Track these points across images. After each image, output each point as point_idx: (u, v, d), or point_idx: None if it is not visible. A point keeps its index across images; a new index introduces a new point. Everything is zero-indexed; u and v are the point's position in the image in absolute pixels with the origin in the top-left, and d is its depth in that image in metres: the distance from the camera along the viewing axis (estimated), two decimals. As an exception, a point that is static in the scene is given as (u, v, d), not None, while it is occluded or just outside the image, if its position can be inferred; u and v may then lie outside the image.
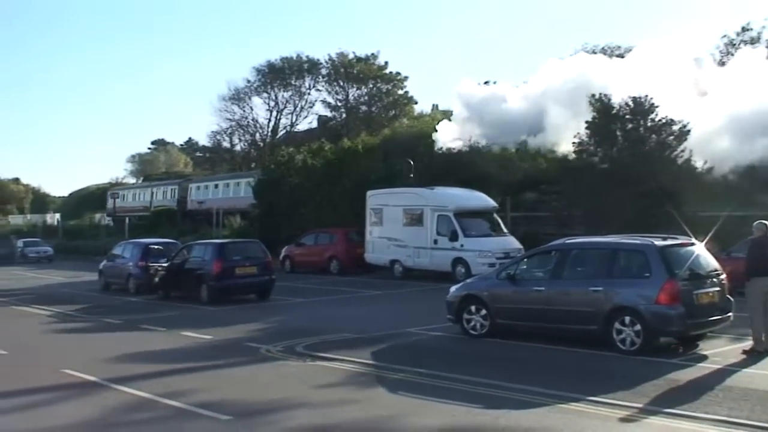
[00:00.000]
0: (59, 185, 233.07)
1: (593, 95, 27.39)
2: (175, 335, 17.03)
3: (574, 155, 27.89)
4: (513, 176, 31.86)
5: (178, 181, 69.69)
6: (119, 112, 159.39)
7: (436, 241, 27.89)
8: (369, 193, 31.16)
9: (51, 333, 18.47)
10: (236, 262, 23.42)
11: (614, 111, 26.72)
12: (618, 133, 26.72)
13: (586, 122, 27.26)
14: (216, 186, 60.92)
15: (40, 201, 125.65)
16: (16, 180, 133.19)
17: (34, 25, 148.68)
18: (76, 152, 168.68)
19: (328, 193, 36.41)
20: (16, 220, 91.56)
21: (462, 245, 26.98)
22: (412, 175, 32.62)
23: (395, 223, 29.56)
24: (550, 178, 30.23)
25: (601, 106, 27.05)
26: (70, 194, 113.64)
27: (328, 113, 69.92)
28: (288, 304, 22.90)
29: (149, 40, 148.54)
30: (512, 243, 27.11)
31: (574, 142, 27.64)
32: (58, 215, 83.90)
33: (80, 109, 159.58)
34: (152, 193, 69.94)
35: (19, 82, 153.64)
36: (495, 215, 28.83)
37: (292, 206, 37.86)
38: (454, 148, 34.33)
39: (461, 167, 32.01)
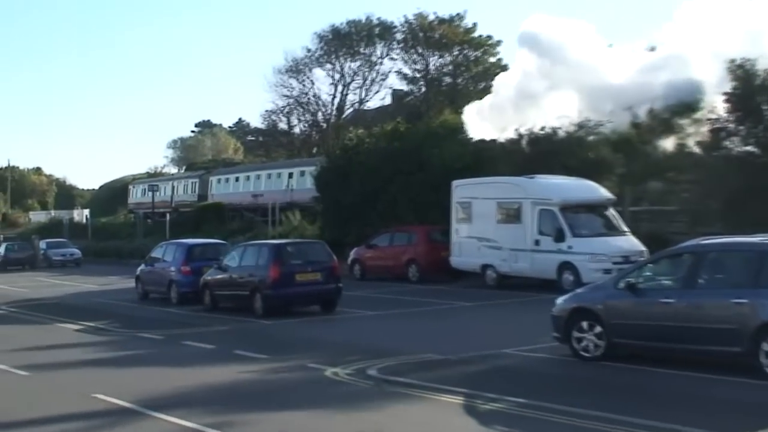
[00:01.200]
0: (88, 176, 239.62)
1: (732, 60, 26.76)
2: (225, 354, 17.26)
3: (709, 134, 27.34)
4: (633, 161, 31.36)
5: (198, 174, 71.43)
6: (158, 90, 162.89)
7: (537, 242, 27.70)
8: (455, 183, 31.09)
9: (79, 351, 18.91)
10: (296, 267, 23.62)
11: (759, 81, 26.09)
12: (764, 107, 26.09)
13: (725, 94, 26.67)
14: (237, 179, 62.23)
15: (66, 195, 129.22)
16: (38, 170, 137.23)
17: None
18: (108, 138, 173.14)
19: (405, 183, 36.44)
20: (37, 216, 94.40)
21: (570, 247, 26.74)
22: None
23: (487, 220, 29.42)
24: (680, 163, 29.67)
25: (744, 74, 26.42)
26: (101, 187, 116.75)
27: (404, 87, 70.20)
28: (358, 317, 23.02)
29: (190, 4, 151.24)
30: (632, 244, 26.77)
31: (709, 119, 27.08)
32: (86, 211, 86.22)
33: (112, 89, 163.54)
34: (173, 187, 71.61)
35: (39, 58, 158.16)
36: (611, 209, 28.46)
37: (363, 200, 38.00)
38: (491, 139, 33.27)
39: (566, 151, 31.64)
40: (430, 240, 32.72)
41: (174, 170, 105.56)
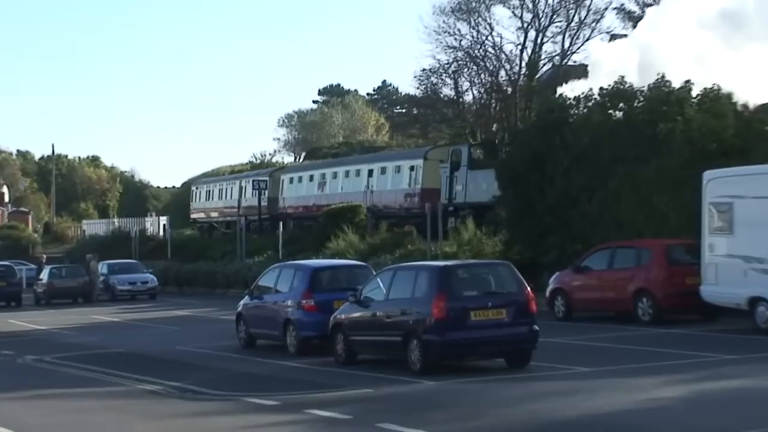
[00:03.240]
0: (165, 170, 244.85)
1: None
2: (368, 429, 17.48)
3: None
4: None
5: (268, 171, 74.57)
6: (265, 48, 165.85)
7: (838, 263, 27.23)
8: (707, 174, 30.70)
9: (160, 422, 19.49)
10: (471, 301, 23.68)
11: None
12: None
13: None
14: (311, 178, 65.50)
15: (135, 195, 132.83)
16: (95, 161, 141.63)
17: None
18: (194, 117, 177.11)
19: (631, 175, 36.16)
20: (94, 227, 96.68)
21: None
22: None
23: (759, 230, 28.92)
24: None
25: None
26: (184, 184, 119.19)
27: (627, 31, 69.40)
28: (564, 375, 22.98)
29: None
30: None
31: None
32: (164, 219, 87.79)
33: (199, 51, 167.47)
34: (241, 188, 74.02)
35: (96, 19, 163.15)
36: None
37: (568, 201, 37.83)
38: None
39: None
40: (669, 260, 32.44)
41: (289, 158, 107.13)
